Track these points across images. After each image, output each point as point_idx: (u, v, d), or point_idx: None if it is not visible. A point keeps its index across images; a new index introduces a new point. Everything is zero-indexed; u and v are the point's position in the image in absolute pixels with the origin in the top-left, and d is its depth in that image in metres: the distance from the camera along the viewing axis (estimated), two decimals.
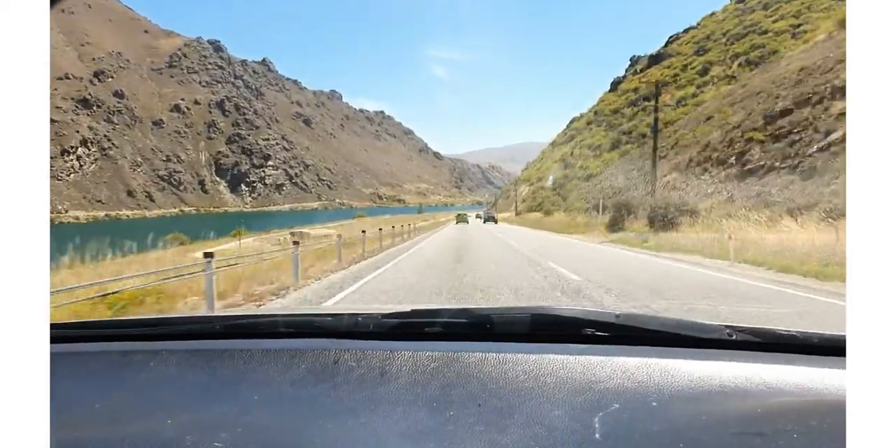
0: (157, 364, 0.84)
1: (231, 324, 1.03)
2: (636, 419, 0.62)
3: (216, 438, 0.59)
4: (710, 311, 5.30)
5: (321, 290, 8.18)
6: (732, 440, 0.56)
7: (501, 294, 6.88)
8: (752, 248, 10.90)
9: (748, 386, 0.72)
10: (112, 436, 0.60)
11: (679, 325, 0.92)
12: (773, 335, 0.90)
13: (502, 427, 0.61)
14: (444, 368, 0.77)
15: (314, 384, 0.75)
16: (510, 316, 0.97)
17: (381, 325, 0.96)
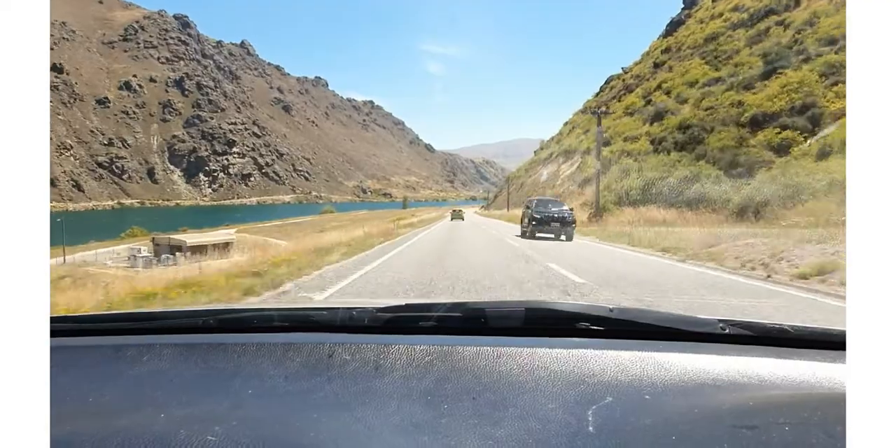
0: (151, 358, 0.84)
1: (225, 318, 1.03)
2: (630, 412, 0.63)
3: (210, 432, 0.58)
4: (703, 304, 5.21)
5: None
6: (725, 433, 0.57)
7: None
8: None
9: (741, 379, 0.73)
10: (104, 430, 0.60)
11: (672, 319, 0.93)
12: (765, 329, 0.91)
13: (496, 420, 0.61)
14: (439, 362, 0.78)
15: (308, 378, 0.75)
16: (504, 310, 0.97)
17: (375, 318, 0.96)
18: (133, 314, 1.18)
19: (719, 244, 10.01)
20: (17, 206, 0.63)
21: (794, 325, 0.90)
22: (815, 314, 4.90)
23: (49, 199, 0.70)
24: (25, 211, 0.64)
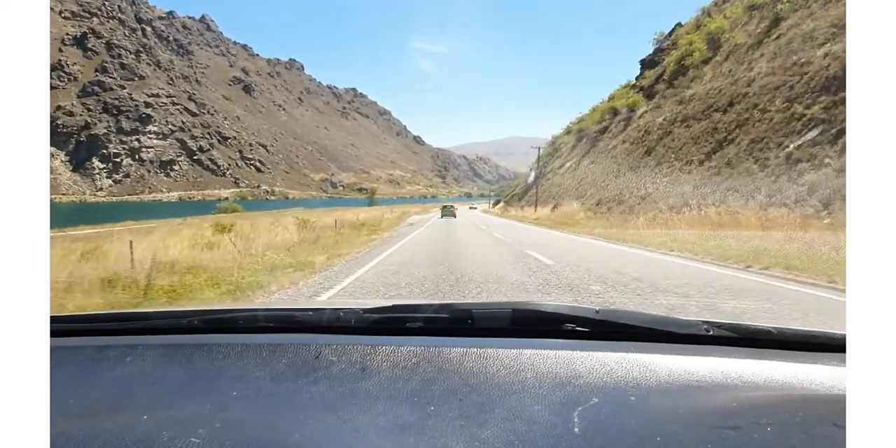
0: (134, 359, 0.83)
1: (209, 318, 1.02)
2: (615, 413, 0.63)
3: (193, 434, 0.57)
4: (685, 306, 4.92)
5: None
6: (708, 434, 0.57)
7: None
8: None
9: (724, 380, 0.73)
10: (86, 432, 0.59)
11: (657, 321, 0.94)
12: (748, 331, 0.91)
13: (482, 422, 0.61)
14: (425, 363, 0.77)
15: (294, 379, 0.74)
16: (491, 311, 0.97)
17: (362, 319, 0.96)
18: (116, 314, 1.16)
19: None
20: (17, 206, 0.63)
21: (778, 327, 0.90)
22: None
23: (49, 199, 0.70)
24: (26, 211, 0.63)
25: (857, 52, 0.65)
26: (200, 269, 6.68)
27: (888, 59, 0.62)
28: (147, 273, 5.68)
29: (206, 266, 6.97)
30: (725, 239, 10.72)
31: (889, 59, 0.62)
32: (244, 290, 5.75)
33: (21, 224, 0.63)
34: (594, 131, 37.80)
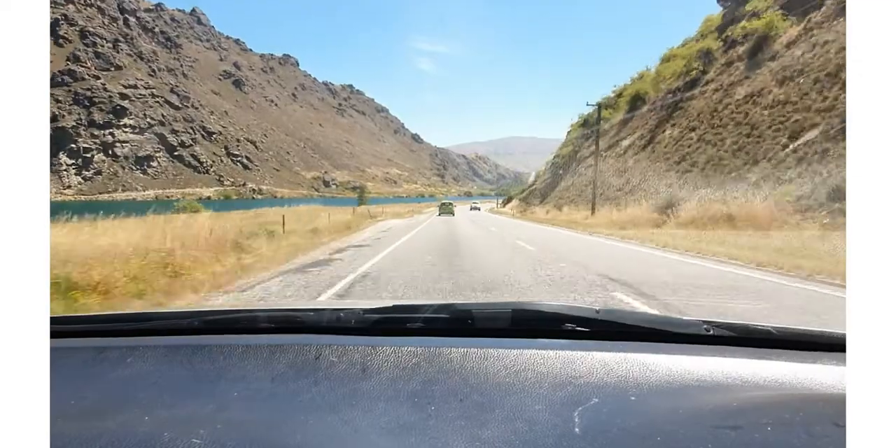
0: (135, 360, 0.83)
1: (211, 319, 1.01)
2: (615, 413, 0.62)
3: (195, 435, 0.57)
4: (687, 306, 5.12)
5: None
6: (709, 433, 0.57)
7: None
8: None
9: (724, 380, 0.73)
10: (86, 433, 0.59)
11: (657, 321, 0.94)
12: (748, 330, 0.91)
13: (483, 422, 0.61)
14: (426, 364, 0.77)
15: (295, 379, 0.74)
16: (491, 311, 0.97)
17: (362, 320, 0.96)
18: (117, 315, 1.16)
19: None
20: (16, 206, 0.63)
21: (777, 327, 0.90)
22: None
23: (49, 199, 0.70)
24: (25, 211, 0.63)
25: (857, 51, 0.64)
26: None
27: (888, 59, 0.61)
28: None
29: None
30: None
31: (889, 59, 0.61)
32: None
33: (21, 224, 0.63)
34: (669, 93, 26.68)
